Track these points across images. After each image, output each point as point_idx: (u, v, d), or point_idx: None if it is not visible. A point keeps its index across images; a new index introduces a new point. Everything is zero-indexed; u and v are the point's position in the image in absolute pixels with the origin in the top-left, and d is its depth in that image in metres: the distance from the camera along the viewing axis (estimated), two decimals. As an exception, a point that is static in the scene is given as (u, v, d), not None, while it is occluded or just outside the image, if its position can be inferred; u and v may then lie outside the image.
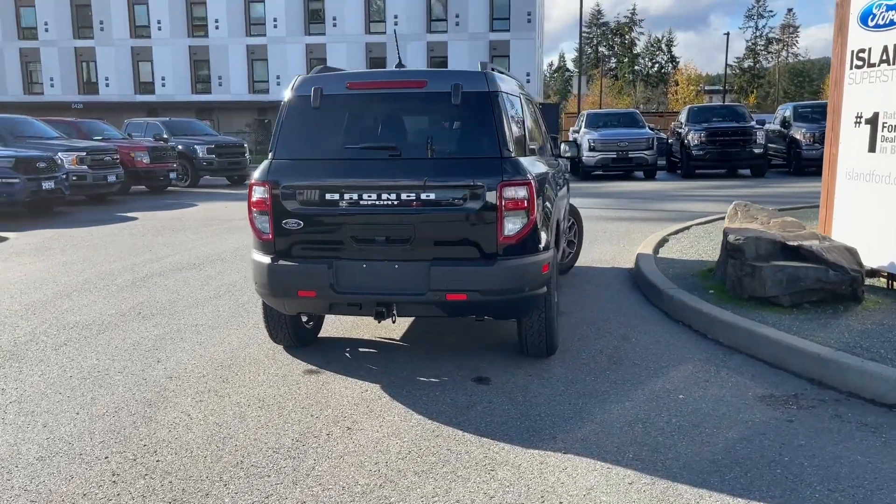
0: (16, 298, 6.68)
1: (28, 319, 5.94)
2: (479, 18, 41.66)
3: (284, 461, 3.39)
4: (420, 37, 41.87)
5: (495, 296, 4.27)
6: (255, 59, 42.73)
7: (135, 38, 43.68)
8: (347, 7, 42.00)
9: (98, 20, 43.80)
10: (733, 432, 3.67)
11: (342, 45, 42.05)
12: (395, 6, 41.76)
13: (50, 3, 44.05)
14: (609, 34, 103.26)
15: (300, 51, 42.46)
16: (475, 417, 3.91)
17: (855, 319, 5.14)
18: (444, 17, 42.08)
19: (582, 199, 15.54)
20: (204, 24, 43.29)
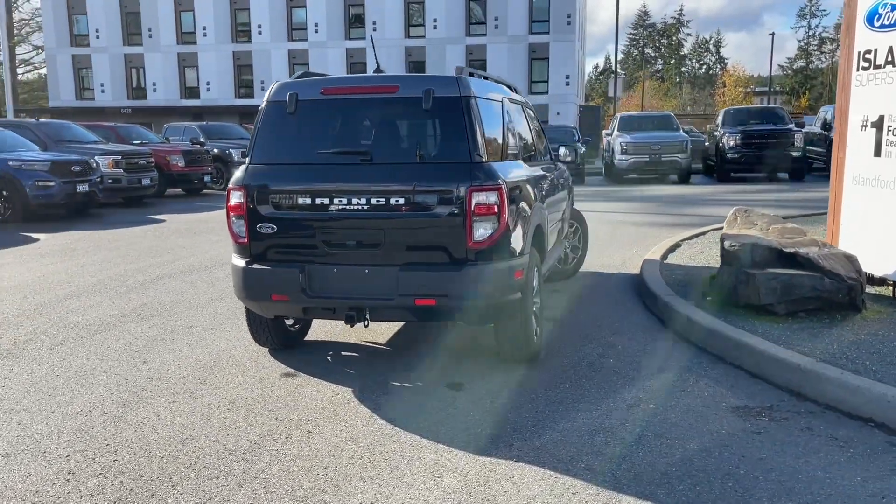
0: (28, 298, 6.89)
1: (33, 319, 6.12)
2: (518, 21, 41.53)
3: (237, 463, 3.44)
4: (459, 40, 41.93)
5: (464, 301, 4.26)
6: (297, 64, 43.27)
7: (181, 45, 44.69)
8: (387, 11, 42.30)
9: (147, 27, 44.93)
10: (695, 444, 3.59)
11: (381, 50, 42.27)
12: (435, 10, 41.90)
13: (101, 11, 45.34)
14: (656, 35, 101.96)
15: (341, 55, 42.91)
16: (438, 423, 3.90)
17: (849, 329, 4.98)
18: (483, 19, 42.06)
19: (608, 202, 15.40)
20: (247, 30, 44.06)
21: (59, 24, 45.98)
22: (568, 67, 41.76)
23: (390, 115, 4.36)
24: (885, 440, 3.59)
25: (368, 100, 4.40)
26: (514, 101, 5.44)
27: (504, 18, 41.56)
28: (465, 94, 4.28)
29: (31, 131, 16.90)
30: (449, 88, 4.28)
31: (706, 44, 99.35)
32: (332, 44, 42.92)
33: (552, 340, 5.34)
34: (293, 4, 43.32)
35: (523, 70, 41.87)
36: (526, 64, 41.85)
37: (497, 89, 5.06)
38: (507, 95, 5.26)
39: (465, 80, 4.36)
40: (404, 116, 4.33)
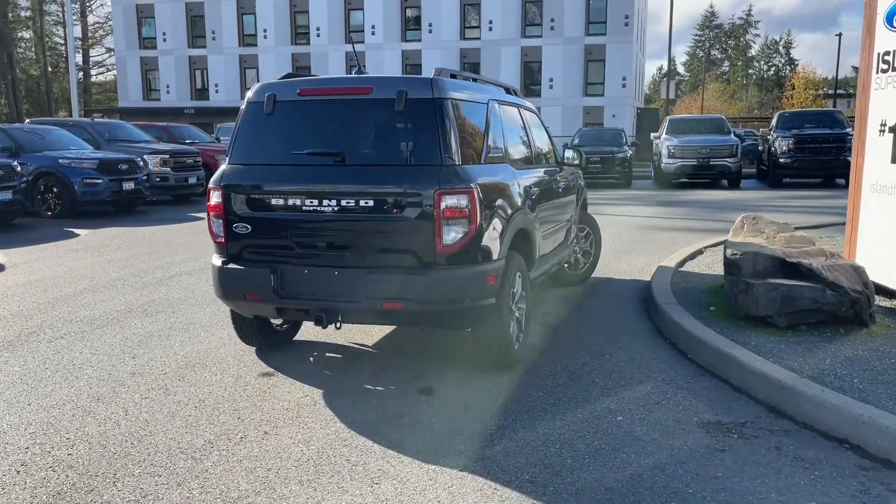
0: (48, 292, 7.13)
1: (44, 313, 6.32)
2: (574, 22, 41.09)
3: (184, 462, 3.46)
4: (514, 42, 41.73)
5: (431, 305, 4.21)
6: (353, 66, 43.74)
7: (243, 47, 45.73)
8: (443, 13, 42.40)
9: (210, 30, 46.14)
10: (652, 459, 3.46)
11: (437, 51, 42.48)
12: (490, 11, 41.80)
13: (168, 15, 46.77)
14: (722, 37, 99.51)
15: (396, 57, 43.21)
16: (397, 428, 3.86)
17: (849, 345, 4.73)
18: (539, 21, 41.76)
19: (647, 207, 15.08)
20: (306, 32, 44.79)
21: (128, 28, 47.62)
22: (625, 69, 41.10)
23: (364, 116, 4.33)
24: (855, 464, 3.38)
25: (343, 101, 4.39)
26: (505, 103, 5.35)
27: (560, 20, 41.18)
28: (439, 96, 4.23)
29: (86, 130, 17.55)
30: (422, 90, 4.23)
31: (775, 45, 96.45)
32: (388, 46, 43.28)
33: (542, 346, 5.24)
34: (351, 7, 43.85)
35: (579, 72, 41.41)
36: (582, 66, 41.37)
37: (483, 91, 4.98)
38: (498, 98, 5.17)
39: (440, 82, 4.30)
40: (378, 118, 4.30)
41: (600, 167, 20.48)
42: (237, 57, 45.44)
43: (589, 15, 41.17)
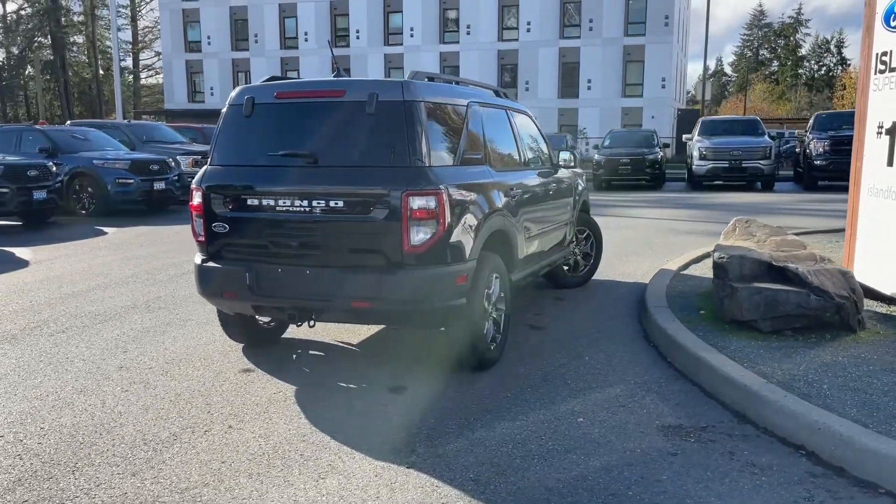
0: (62, 288, 7.39)
1: (53, 308, 6.56)
2: (613, 23, 40.72)
3: (145, 453, 3.58)
4: (552, 43, 41.54)
5: (399, 305, 4.27)
6: (392, 68, 44.10)
7: (284, 50, 46.43)
8: (481, 15, 42.43)
9: (253, 33, 46.96)
10: (600, 461, 3.47)
11: (474, 53, 42.54)
12: (528, 12, 41.68)
13: (212, 18, 47.76)
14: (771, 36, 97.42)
15: (434, 59, 43.37)
16: (359, 425, 3.93)
17: (829, 351, 4.65)
18: (577, 22, 41.49)
19: (671, 209, 14.90)
20: (346, 35, 45.27)
21: (174, 32, 48.75)
22: (664, 70, 40.58)
23: (337, 118, 4.40)
24: (806, 470, 3.34)
25: (317, 103, 4.48)
26: (490, 105, 5.38)
27: (599, 20, 40.85)
28: (410, 99, 4.28)
29: (122, 132, 18.08)
30: (393, 93, 4.30)
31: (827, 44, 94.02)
32: (426, 48, 43.48)
33: (523, 347, 5.26)
34: (390, 10, 44.18)
35: (617, 73, 41.03)
36: (620, 66, 40.97)
37: (462, 94, 5.02)
38: (480, 100, 5.20)
39: (411, 85, 4.36)
40: (350, 120, 4.37)
41: (630, 169, 20.28)
42: (279, 59, 46.14)
43: (628, 15, 40.76)
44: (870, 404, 3.77)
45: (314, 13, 45.41)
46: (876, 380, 4.12)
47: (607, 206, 16.29)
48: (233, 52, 47.76)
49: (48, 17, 53.69)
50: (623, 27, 40.85)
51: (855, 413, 3.65)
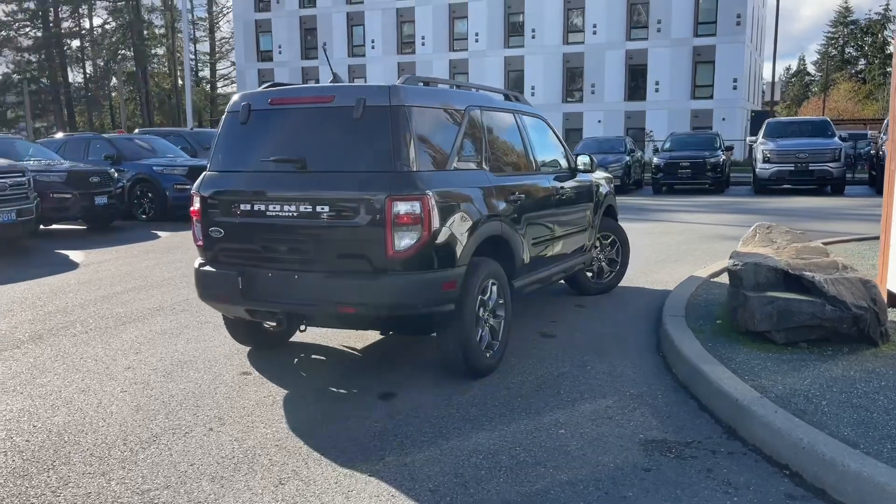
0: (99, 290, 7.66)
1: (84, 309, 6.81)
2: (682, 23, 39.74)
3: (121, 454, 3.66)
4: (619, 45, 40.84)
5: (383, 311, 4.25)
6: (457, 73, 44.23)
7: (351, 57, 47.19)
8: (546, 18, 42.10)
9: (321, 42, 47.87)
10: (569, 475, 3.36)
11: (539, 57, 42.24)
12: (595, 14, 41.13)
13: (284, 28, 49.01)
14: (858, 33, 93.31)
15: (499, 63, 43.29)
16: (336, 431, 3.92)
17: (842, 364, 4.38)
18: (645, 23, 40.68)
19: (726, 214, 14.40)
20: (412, 41, 45.68)
21: (248, 42, 50.23)
22: (736, 70, 39.34)
23: (327, 124, 4.41)
24: (785, 492, 3.15)
25: (308, 109, 4.50)
26: (495, 109, 5.29)
27: (667, 21, 39.95)
28: (396, 104, 4.26)
29: (185, 139, 18.70)
30: (379, 98, 4.28)
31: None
32: (491, 53, 43.44)
33: (526, 355, 5.15)
34: (455, 15, 44.34)
35: (686, 74, 40.03)
36: (689, 68, 39.95)
37: (461, 98, 4.96)
38: (482, 104, 5.13)
39: (398, 90, 4.33)
40: (339, 126, 4.37)
41: (690, 172, 19.72)
42: (346, 67, 46.88)
43: (698, 15, 39.71)
44: (868, 423, 3.53)
45: (381, 20, 46.01)
46: (883, 397, 3.86)
47: (660, 210, 15.89)
48: (302, 60, 48.84)
49: (131, 30, 56.10)
50: (693, 27, 39.83)
51: (848, 432, 3.42)
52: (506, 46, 43.45)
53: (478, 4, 43.51)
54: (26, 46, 54.61)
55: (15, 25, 54.34)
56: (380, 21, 46.12)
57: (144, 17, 58.14)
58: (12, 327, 6.18)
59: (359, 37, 47.17)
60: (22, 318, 6.47)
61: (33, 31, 55.01)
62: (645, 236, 11.27)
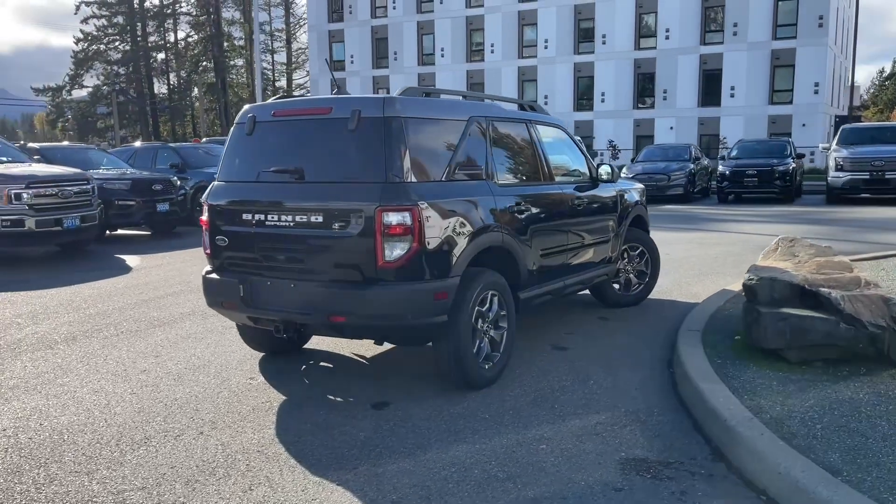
0: (142, 294, 7.98)
1: (122, 313, 7.10)
2: (760, 26, 38.45)
3: (111, 454, 3.80)
4: (692, 50, 39.85)
5: (372, 321, 4.27)
6: (526, 80, 44.06)
7: (421, 66, 47.62)
8: (618, 23, 41.47)
9: (392, 51, 48.57)
10: (536, 492, 3.30)
11: (610, 63, 41.63)
12: (668, 19, 40.26)
13: (356, 38, 49.91)
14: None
15: (568, 70, 42.89)
16: (321, 439, 3.96)
17: (853, 386, 4.16)
18: (720, 27, 39.57)
19: (787, 225, 13.85)
20: (481, 49, 45.75)
21: (321, 52, 51.35)
22: (818, 74, 37.78)
23: (324, 135, 4.47)
24: (755, 519, 3.01)
25: (308, 121, 4.57)
26: (503, 120, 5.25)
27: (744, 24, 38.73)
28: (389, 115, 4.29)
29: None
30: (374, 109, 4.32)
31: None
32: (560, 59, 43.09)
33: (534, 367, 5.10)
34: (525, 22, 44.20)
35: (764, 79, 38.69)
36: (767, 72, 38.60)
37: (465, 109, 4.94)
38: (488, 115, 5.09)
39: (393, 101, 4.36)
40: (336, 137, 4.42)
41: (756, 181, 19.04)
42: (416, 75, 47.35)
43: (777, 17, 38.35)
44: (860, 449, 3.34)
45: (451, 29, 46.28)
46: (885, 422, 3.64)
47: (719, 219, 15.42)
48: (373, 69, 49.59)
49: (212, 42, 58.24)
50: (771, 30, 38.49)
51: (835, 458, 3.24)
52: (576, 53, 43.01)
53: (548, 11, 43.26)
54: (115, 59, 57.36)
55: (105, 39, 57.18)
56: (449, 29, 46.40)
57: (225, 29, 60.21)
58: (52, 328, 6.49)
59: (429, 45, 47.57)
60: (63, 320, 6.79)
61: (122, 45, 57.74)
62: (695, 247, 10.96)
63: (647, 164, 20.97)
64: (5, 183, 10.43)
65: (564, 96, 43.26)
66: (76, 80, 57.33)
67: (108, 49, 57.64)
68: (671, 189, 19.86)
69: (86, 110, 58.24)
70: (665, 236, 12.28)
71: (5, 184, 10.42)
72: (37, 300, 7.74)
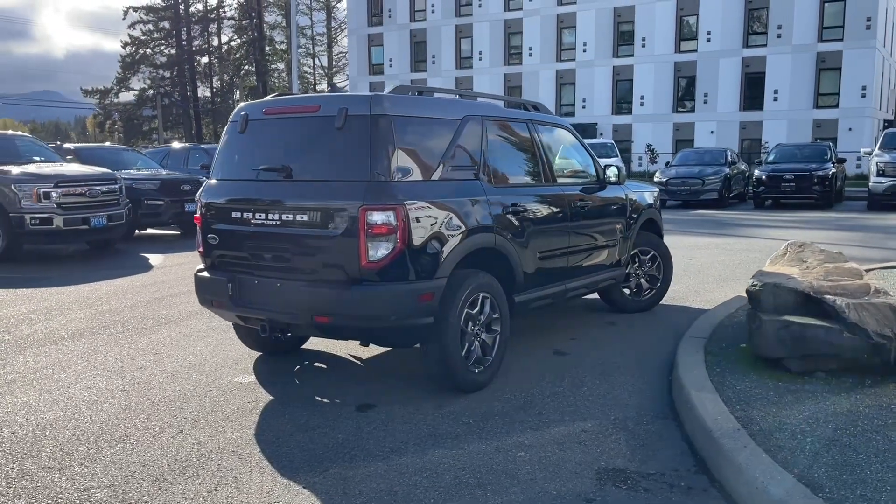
0: (156, 292, 8.05)
1: (133, 310, 7.17)
2: (805, 28, 37.53)
3: (87, 451, 3.79)
4: (735, 52, 39.08)
5: (355, 321, 4.21)
6: (563, 84, 43.71)
7: (459, 69, 47.59)
8: (658, 26, 40.88)
9: (430, 55, 48.64)
10: (504, 500, 3.22)
11: (650, 66, 41.05)
12: (710, 22, 39.55)
13: (395, 42, 50.12)
14: None
15: (607, 73, 42.42)
16: (298, 441, 3.92)
17: (854, 399, 3.96)
18: (763, 30, 38.74)
19: (819, 231, 13.47)
20: (519, 53, 45.53)
21: (360, 56, 51.72)
22: (865, 77, 36.71)
23: (312, 133, 4.43)
24: (727, 536, 2.86)
25: (297, 119, 4.54)
26: (501, 119, 5.15)
27: (789, 26, 37.84)
28: (376, 113, 4.22)
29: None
30: (361, 107, 4.26)
31: None
32: (599, 62, 42.64)
33: (530, 372, 4.99)
34: (563, 25, 43.84)
35: (809, 82, 37.75)
36: (812, 75, 37.65)
37: (459, 108, 4.85)
38: (487, 114, 5.00)
39: (381, 99, 4.30)
40: (324, 135, 4.37)
41: (794, 186, 18.53)
42: (454, 79, 47.33)
43: (823, 19, 37.39)
44: (848, 464, 3.16)
45: (489, 32, 46.17)
46: (881, 436, 3.45)
47: (751, 225, 15.05)
48: (412, 73, 49.69)
49: (253, 46, 59.06)
50: (817, 32, 37.53)
51: (820, 473, 3.07)
52: (614, 56, 42.51)
53: (586, 14, 42.86)
54: (161, 63, 58.53)
55: (151, 44, 58.39)
56: (488, 33, 46.28)
57: (266, 33, 61.01)
58: (62, 325, 6.58)
59: (467, 49, 47.52)
60: (74, 317, 6.88)
61: (167, 49, 58.91)
62: (720, 252, 10.69)
63: (681, 167, 20.57)
64: (35, 182, 10.67)
65: (603, 100, 42.79)
66: (123, 83, 58.60)
67: (154, 53, 58.85)
68: (705, 194, 19.45)
69: (132, 113, 59.51)
70: (692, 241, 12.03)
71: (35, 183, 10.66)
72: (55, 297, 7.86)
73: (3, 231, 10.55)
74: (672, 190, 19.75)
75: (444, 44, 48.08)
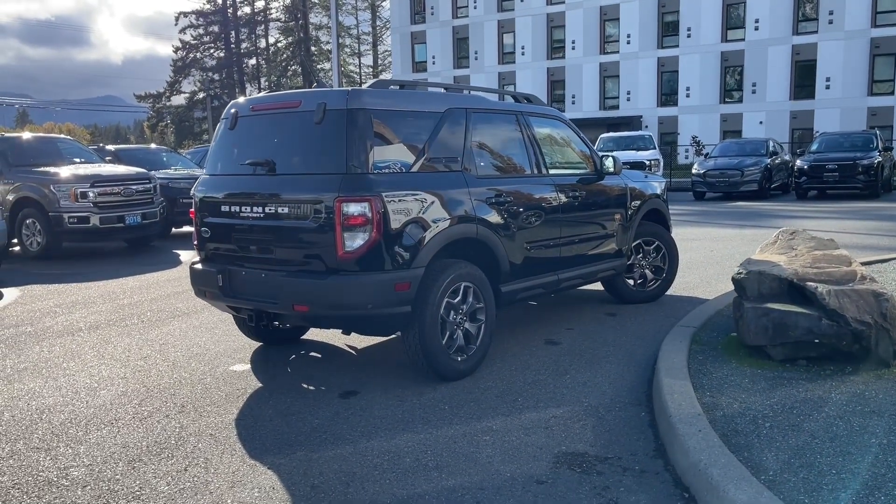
0: (179, 287, 8.32)
1: (152, 304, 7.44)
2: (858, 13, 36.33)
3: (76, 433, 4.00)
4: (784, 40, 38.07)
5: (332, 310, 4.32)
6: (607, 77, 43.23)
7: (501, 65, 47.47)
8: (703, 15, 40.10)
9: (473, 51, 48.63)
10: (456, 482, 3.29)
11: (695, 56, 40.29)
12: (757, 9, 38.61)
13: (438, 39, 50.26)
14: None
15: (652, 65, 41.79)
16: (275, 425, 4.05)
17: (828, 386, 3.92)
18: (814, 16, 37.65)
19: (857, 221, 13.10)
20: (561, 46, 45.18)
21: (404, 54, 52.03)
22: (922, 62, 35.42)
23: (294, 128, 4.55)
24: (667, 518, 2.88)
25: (280, 114, 4.67)
26: (488, 111, 5.19)
27: (840, 12, 36.69)
28: (353, 107, 4.32)
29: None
30: (338, 101, 4.37)
31: None
32: (643, 54, 42.04)
33: (516, 361, 5.04)
34: (606, 18, 43.34)
35: (863, 69, 36.55)
36: (866, 62, 36.45)
37: (442, 101, 4.91)
38: (471, 106, 5.05)
39: (359, 93, 4.40)
40: (304, 129, 4.48)
41: (837, 176, 18.02)
42: (496, 74, 47.26)
43: (876, 3, 36.15)
44: (800, 449, 3.16)
45: (531, 26, 45.93)
46: (843, 423, 3.41)
47: (787, 216, 14.70)
48: (454, 69, 49.77)
49: (300, 47, 59.95)
50: (870, 17, 36.31)
51: (769, 458, 3.07)
52: (659, 47, 41.85)
53: (630, 5, 42.29)
54: (210, 66, 59.87)
55: (201, 48, 59.78)
56: (530, 27, 46.05)
57: (312, 34, 61.83)
58: (82, 317, 6.87)
59: (509, 44, 47.36)
60: (95, 310, 7.18)
61: (217, 52, 60.22)
62: (744, 243, 10.50)
63: (721, 159, 20.18)
64: (73, 182, 11.12)
65: (647, 92, 42.18)
66: (174, 86, 60.18)
67: (204, 56, 60.24)
68: (745, 185, 19.06)
69: (183, 115, 61.06)
70: (717, 233, 11.86)
71: (73, 183, 11.11)
72: (82, 291, 8.20)
73: (44, 229, 11.02)
74: (711, 182, 19.41)
75: (486, 39, 48.00)
